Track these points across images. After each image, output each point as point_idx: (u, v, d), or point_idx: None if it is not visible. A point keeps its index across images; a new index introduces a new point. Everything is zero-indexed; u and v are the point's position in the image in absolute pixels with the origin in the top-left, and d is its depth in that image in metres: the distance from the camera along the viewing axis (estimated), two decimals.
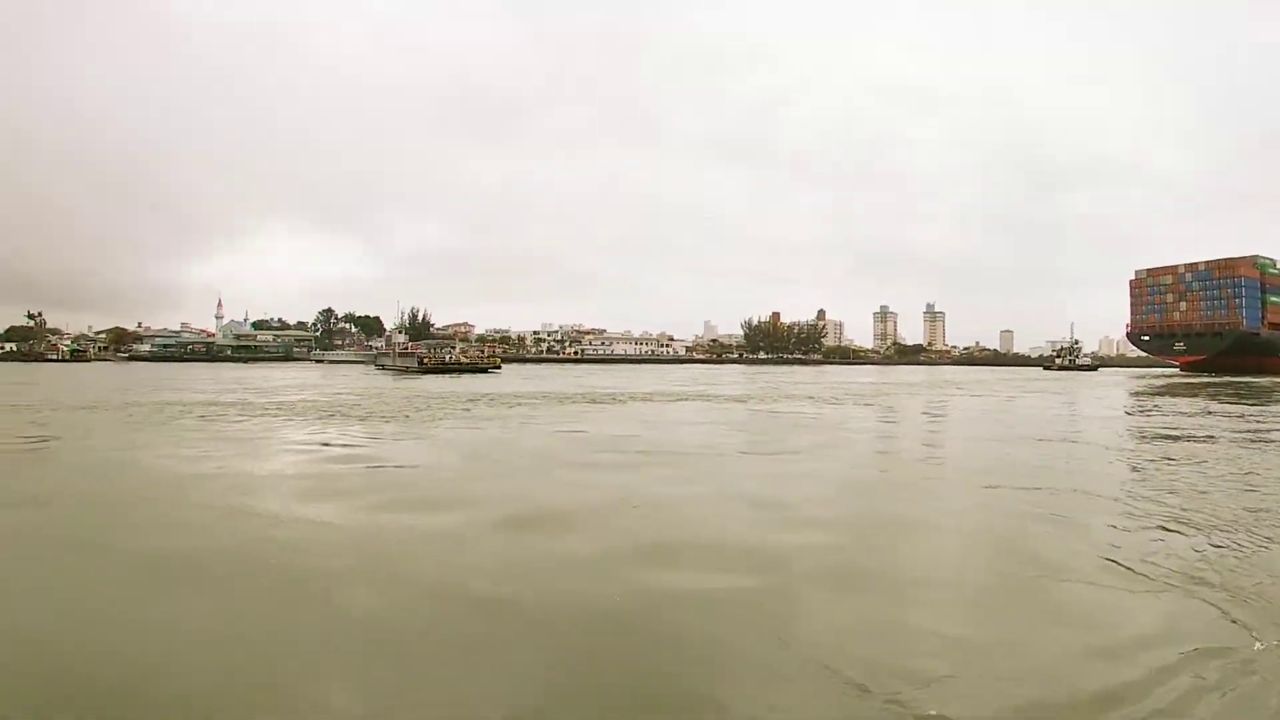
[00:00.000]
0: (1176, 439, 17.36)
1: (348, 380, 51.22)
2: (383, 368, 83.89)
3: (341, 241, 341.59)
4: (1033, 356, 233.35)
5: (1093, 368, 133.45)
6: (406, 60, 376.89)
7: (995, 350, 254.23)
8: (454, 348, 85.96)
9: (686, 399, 32.20)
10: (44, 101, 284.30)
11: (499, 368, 79.49)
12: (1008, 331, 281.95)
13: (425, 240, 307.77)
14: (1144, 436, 18.37)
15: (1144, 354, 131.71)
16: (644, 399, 31.74)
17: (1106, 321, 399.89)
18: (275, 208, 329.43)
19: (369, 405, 26.62)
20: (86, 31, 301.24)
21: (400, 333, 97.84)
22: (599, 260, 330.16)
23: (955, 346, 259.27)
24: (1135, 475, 11.89)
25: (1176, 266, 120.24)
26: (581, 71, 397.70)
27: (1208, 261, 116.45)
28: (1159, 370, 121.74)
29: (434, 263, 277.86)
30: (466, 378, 57.98)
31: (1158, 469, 12.46)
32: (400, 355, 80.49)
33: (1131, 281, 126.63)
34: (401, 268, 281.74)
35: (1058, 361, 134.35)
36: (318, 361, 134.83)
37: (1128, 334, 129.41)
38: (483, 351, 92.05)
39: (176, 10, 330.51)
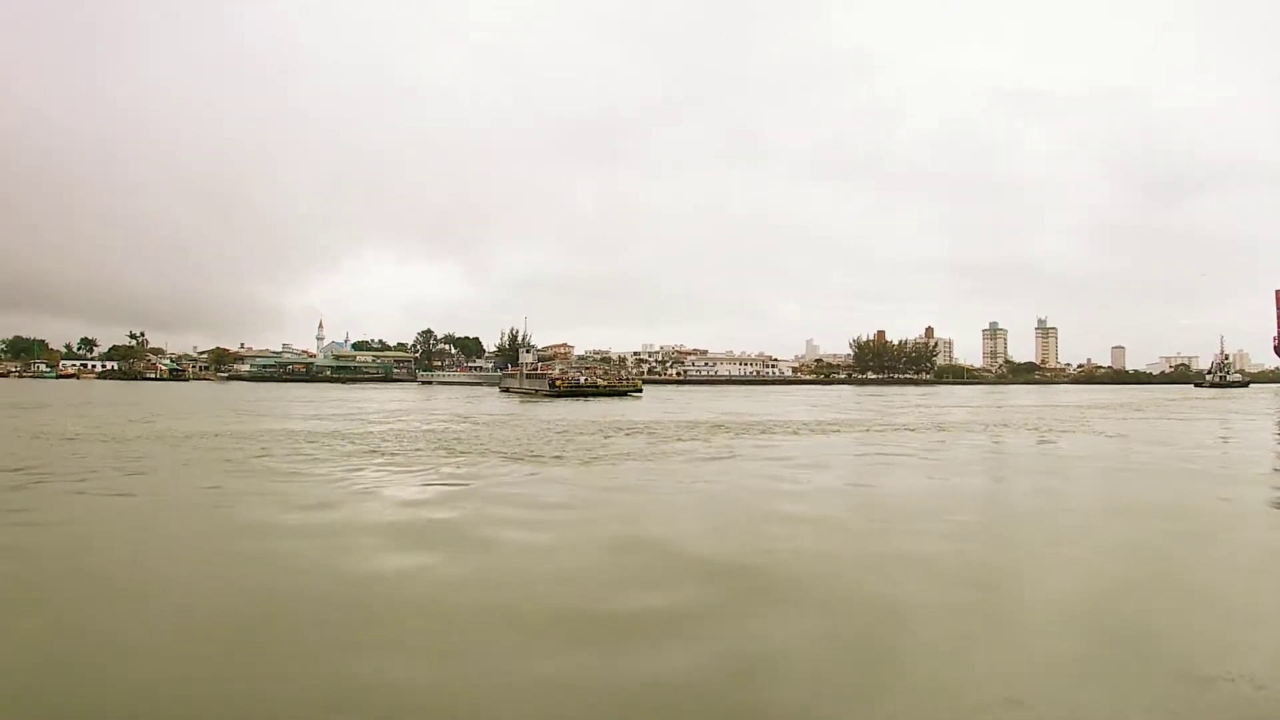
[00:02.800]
0: None
1: (465, 404, 45.98)
2: (508, 390, 77.40)
3: (441, 264, 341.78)
4: (1154, 374, 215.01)
5: (1244, 384, 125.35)
6: (510, 84, 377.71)
7: (1110, 367, 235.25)
8: (589, 368, 77.16)
9: (889, 428, 25.31)
10: (151, 125, 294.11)
11: (639, 391, 67.95)
12: (1119, 348, 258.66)
13: (525, 262, 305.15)
14: None
15: None
16: (831, 429, 24.98)
17: (1228, 333, 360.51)
18: (377, 230, 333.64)
19: (509, 438, 20.70)
20: (188, 54, 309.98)
21: (526, 352, 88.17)
22: (699, 281, 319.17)
23: (1068, 364, 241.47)
24: None
25: None
26: (688, 91, 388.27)
27: None
28: None
29: (533, 285, 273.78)
30: (603, 401, 51.08)
31: None
32: (529, 377, 73.21)
33: (1278, 291, 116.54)
34: (501, 290, 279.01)
35: (1208, 378, 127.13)
36: (425, 383, 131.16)
37: (1275, 347, 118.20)
38: (618, 373, 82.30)
39: (281, 36, 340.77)
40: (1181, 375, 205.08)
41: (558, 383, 62.40)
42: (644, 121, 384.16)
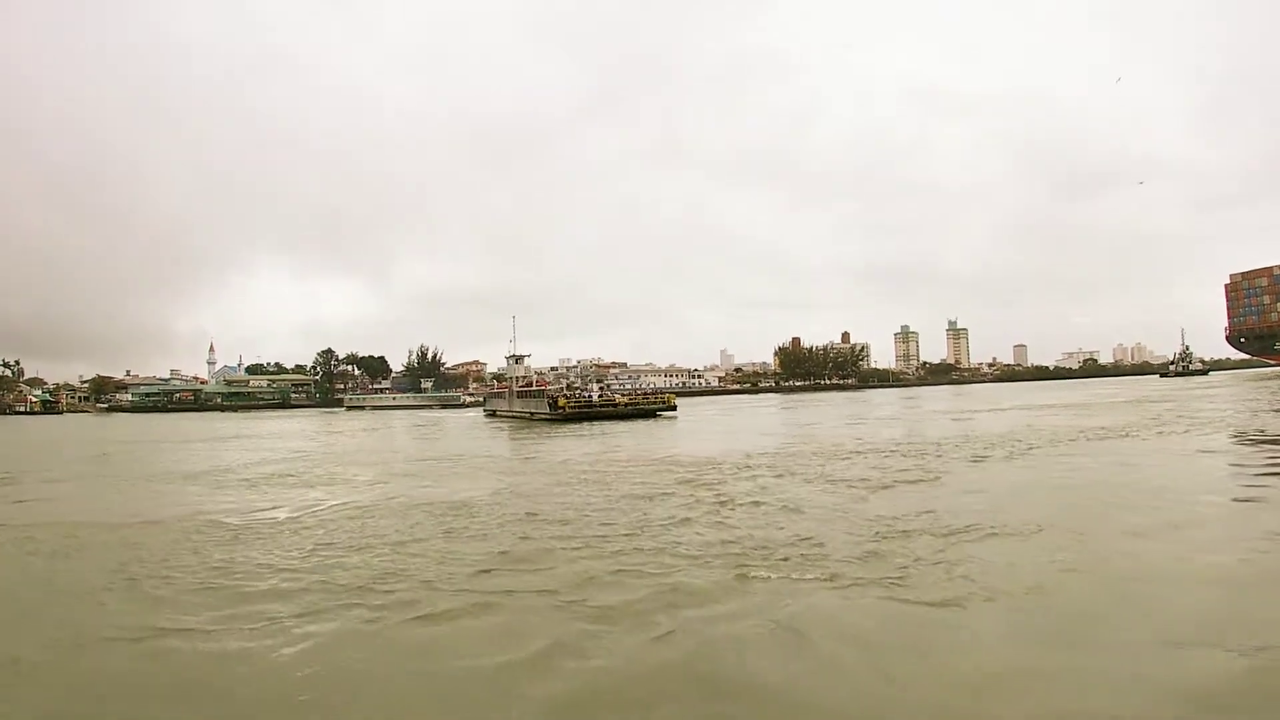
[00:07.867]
0: None
1: (437, 441, 36.96)
2: (493, 414, 64.35)
3: (341, 279, 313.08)
4: (1071, 369, 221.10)
5: (1204, 372, 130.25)
6: (421, 87, 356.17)
7: (1017, 365, 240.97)
8: (602, 381, 58.78)
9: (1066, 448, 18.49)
10: (16, 122, 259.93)
11: (673, 408, 53.24)
12: (1021, 346, 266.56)
13: (431, 277, 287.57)
14: None
15: (1244, 356, 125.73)
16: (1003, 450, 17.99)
17: (1136, 329, 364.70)
18: (273, 245, 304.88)
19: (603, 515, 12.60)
20: (55, 43, 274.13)
21: (517, 363, 67.59)
22: (611, 291, 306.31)
23: (980, 363, 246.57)
24: None
25: (1272, 268, 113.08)
26: (605, 95, 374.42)
27: None
28: (1264, 370, 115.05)
29: (439, 300, 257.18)
30: (630, 425, 41.13)
31: None
32: (521, 395, 58.94)
33: (1226, 285, 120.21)
34: (404, 306, 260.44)
35: (1172, 369, 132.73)
36: (353, 408, 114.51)
37: (1226, 337, 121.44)
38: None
39: (176, 30, 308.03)
40: (1094, 369, 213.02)
41: (561, 402, 50.26)
42: (557, 127, 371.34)
